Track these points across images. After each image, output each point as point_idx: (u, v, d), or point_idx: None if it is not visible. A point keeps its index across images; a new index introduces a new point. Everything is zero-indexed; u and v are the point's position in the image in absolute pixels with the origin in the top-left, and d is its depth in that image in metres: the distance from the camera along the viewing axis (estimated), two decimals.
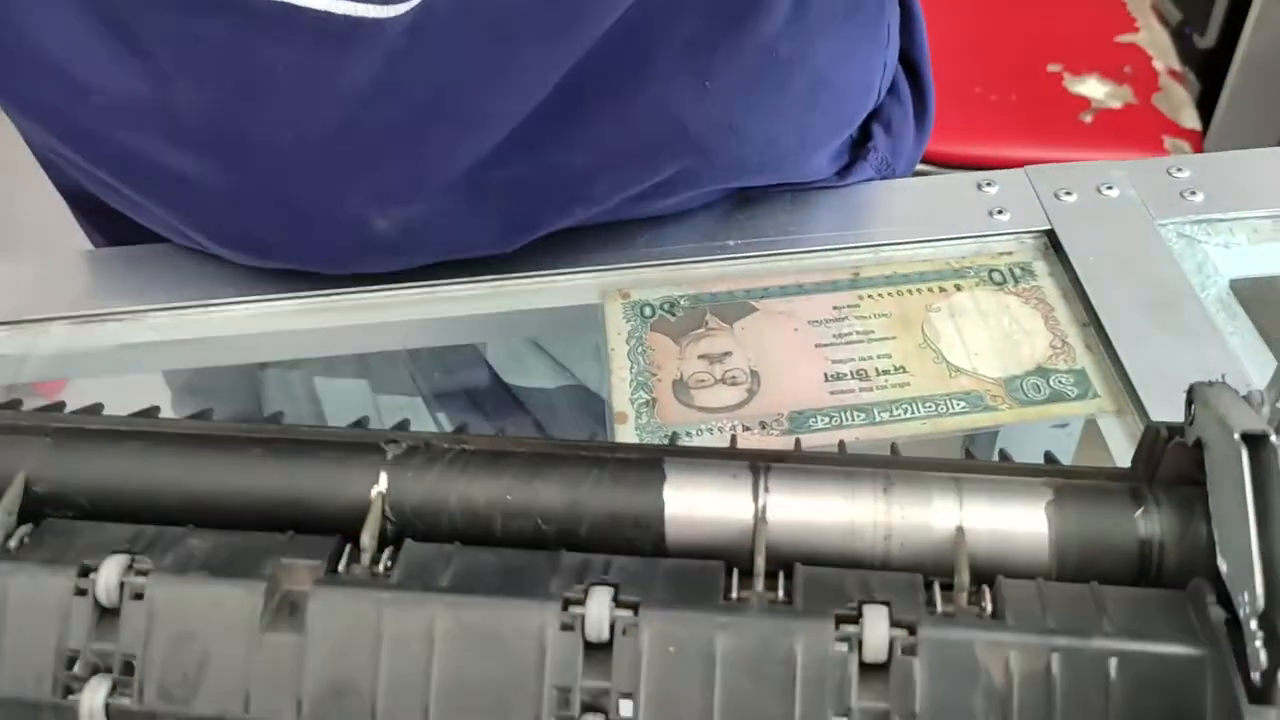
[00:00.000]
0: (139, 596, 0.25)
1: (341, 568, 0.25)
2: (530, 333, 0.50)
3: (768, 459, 0.27)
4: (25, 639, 0.25)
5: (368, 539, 0.25)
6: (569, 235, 0.47)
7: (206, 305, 0.49)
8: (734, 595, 0.24)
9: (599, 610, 0.23)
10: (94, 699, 0.24)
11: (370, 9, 0.37)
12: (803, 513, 0.26)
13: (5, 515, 0.27)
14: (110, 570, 0.25)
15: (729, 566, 0.25)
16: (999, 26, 1.31)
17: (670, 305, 0.46)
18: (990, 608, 0.24)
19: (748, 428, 0.41)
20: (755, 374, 0.43)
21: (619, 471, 0.27)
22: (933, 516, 0.26)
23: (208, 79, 0.39)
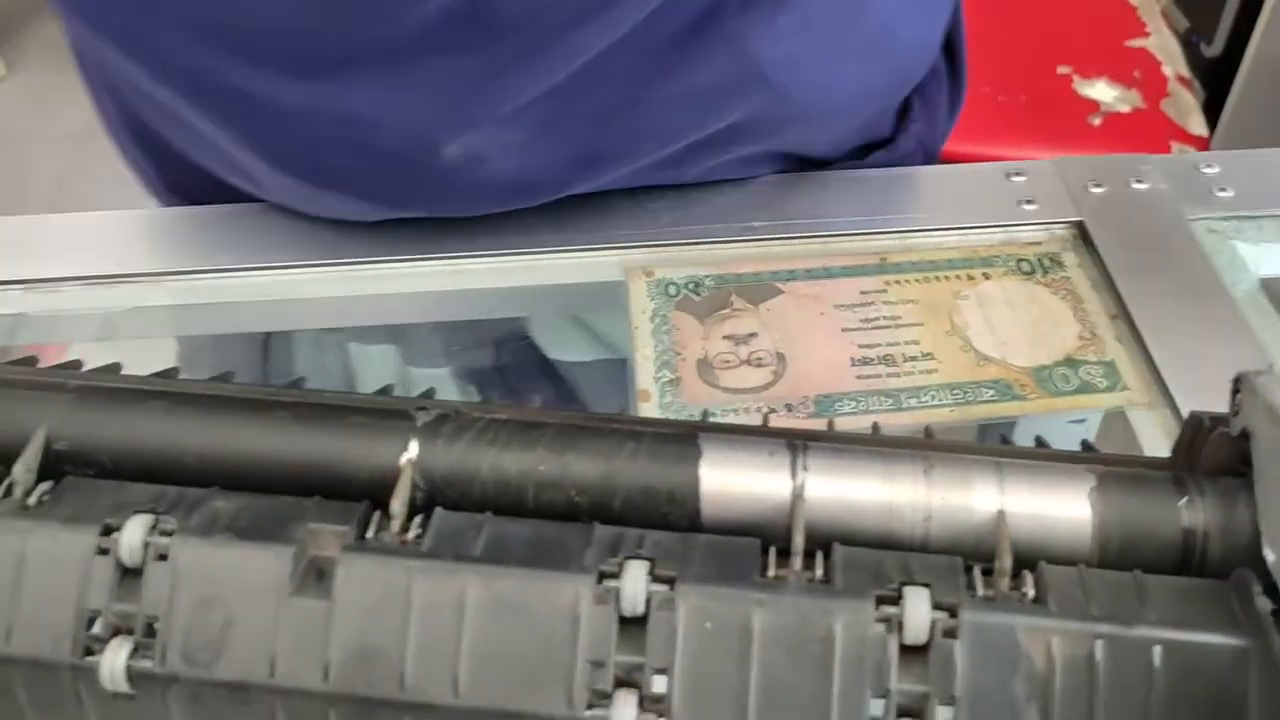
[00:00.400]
0: (163, 557, 0.24)
1: (370, 534, 0.25)
2: (554, 309, 0.49)
3: (805, 437, 0.27)
4: (45, 598, 0.24)
5: (398, 506, 0.25)
6: (594, 211, 0.47)
7: (223, 271, 0.48)
8: (771, 573, 0.24)
9: (634, 584, 0.23)
10: (115, 660, 0.24)
11: None
12: (842, 492, 0.26)
13: (25, 472, 0.26)
14: (134, 530, 0.24)
15: (765, 545, 0.25)
16: (1009, 28, 1.30)
17: (695, 285, 0.46)
18: (1032, 593, 0.24)
19: (773, 410, 0.41)
20: (781, 356, 0.43)
21: (654, 445, 0.26)
22: (974, 499, 0.25)
23: None
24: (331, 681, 0.23)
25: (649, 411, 0.41)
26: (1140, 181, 0.52)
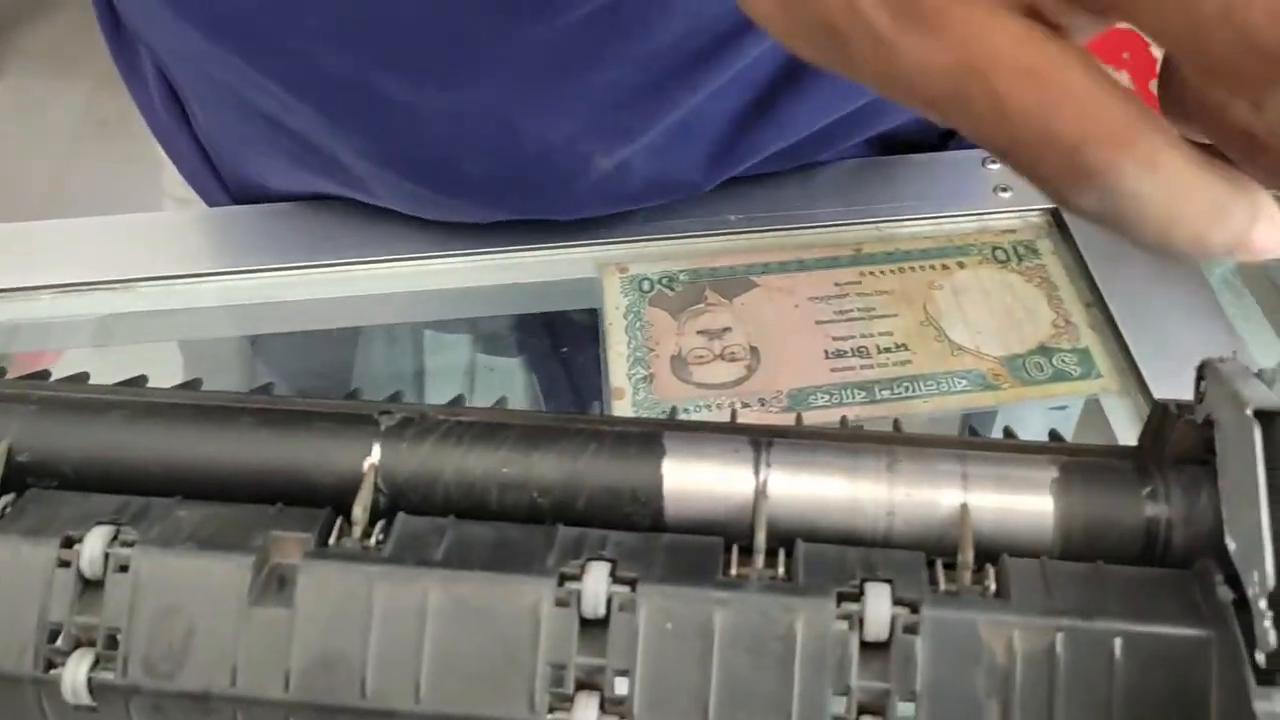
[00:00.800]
0: (124, 569, 0.24)
1: (332, 540, 0.25)
2: (528, 307, 0.49)
3: (769, 434, 0.27)
4: (6, 611, 0.24)
5: (359, 511, 0.25)
6: None
7: (214, 275, 0.48)
8: (733, 572, 0.24)
9: (595, 586, 0.23)
10: (76, 673, 0.23)
11: None
12: (804, 489, 0.26)
13: None
14: (94, 541, 0.24)
15: (729, 543, 0.25)
16: None
17: (669, 280, 0.46)
18: (994, 587, 0.24)
19: (746, 404, 0.41)
20: (755, 350, 0.43)
21: (617, 445, 0.26)
22: (936, 494, 0.25)
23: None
24: (293, 690, 0.23)
25: (623, 409, 0.41)
26: None
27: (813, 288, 0.45)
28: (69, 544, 0.24)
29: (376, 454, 0.26)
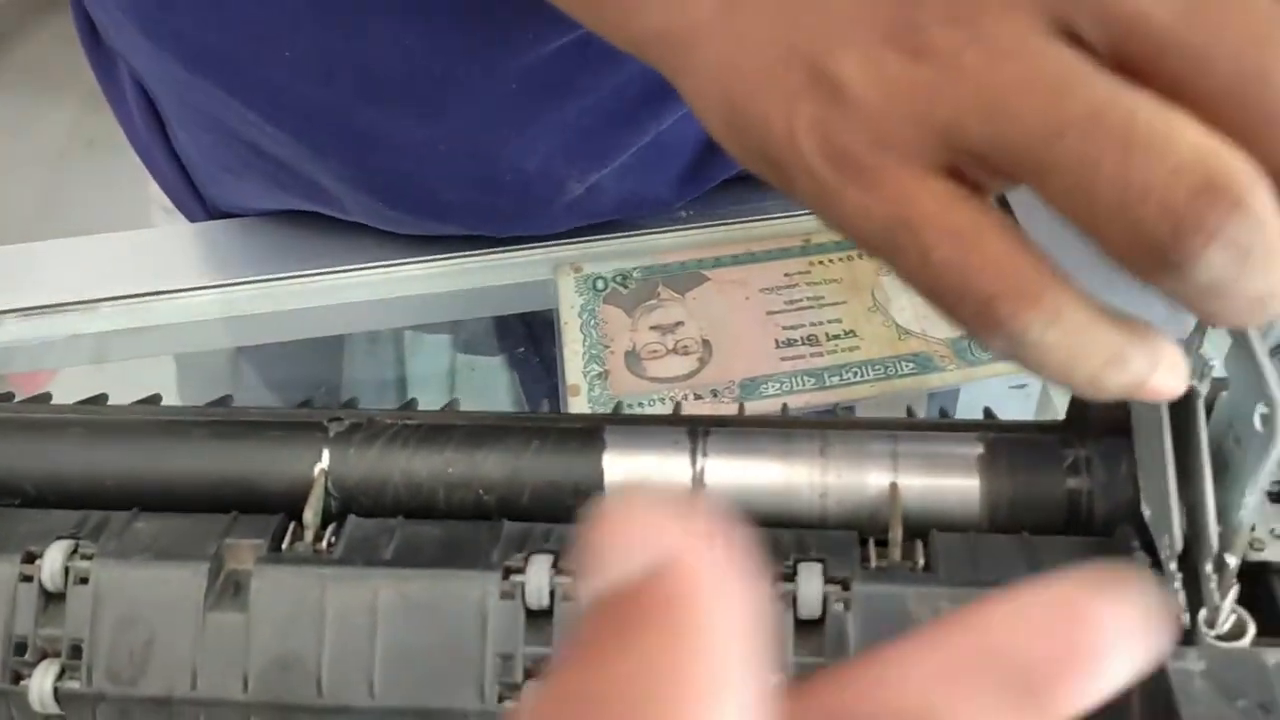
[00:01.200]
0: (84, 581, 0.25)
1: (285, 545, 0.26)
2: (487, 310, 0.50)
3: (707, 424, 0.28)
4: None
5: (310, 515, 0.26)
6: None
7: (193, 287, 0.49)
8: None
9: (539, 578, 0.24)
10: (43, 683, 0.24)
11: None
12: (741, 475, 0.27)
13: None
14: (54, 556, 0.25)
15: None
16: None
17: (623, 278, 0.46)
18: (923, 561, 0.25)
19: (699, 396, 0.42)
20: (707, 343, 0.44)
21: (560, 441, 0.27)
22: (867, 474, 0.26)
23: (408, 28, 0.38)
24: (252, 691, 0.24)
25: (578, 405, 0.42)
26: None
27: (763, 279, 0.46)
28: (30, 559, 0.25)
29: (326, 459, 0.27)
